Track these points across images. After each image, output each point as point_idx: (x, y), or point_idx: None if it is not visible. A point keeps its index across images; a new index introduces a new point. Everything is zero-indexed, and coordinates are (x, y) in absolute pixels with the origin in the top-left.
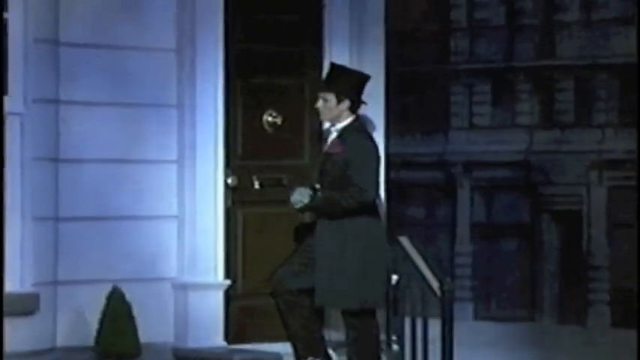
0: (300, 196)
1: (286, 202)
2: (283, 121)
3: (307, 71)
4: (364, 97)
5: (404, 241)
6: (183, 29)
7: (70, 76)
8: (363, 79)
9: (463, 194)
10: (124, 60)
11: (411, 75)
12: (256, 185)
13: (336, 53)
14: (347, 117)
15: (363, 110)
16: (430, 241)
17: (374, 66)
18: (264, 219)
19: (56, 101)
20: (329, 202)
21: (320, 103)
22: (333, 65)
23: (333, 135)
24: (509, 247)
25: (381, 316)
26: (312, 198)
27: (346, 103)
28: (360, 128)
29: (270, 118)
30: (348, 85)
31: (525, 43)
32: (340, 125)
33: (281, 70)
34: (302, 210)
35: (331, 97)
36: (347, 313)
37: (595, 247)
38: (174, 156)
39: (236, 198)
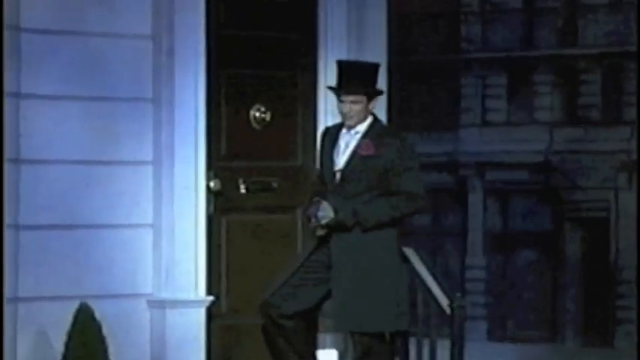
0: (326, 211)
1: (276, 208)
2: (273, 118)
3: (300, 61)
4: None
5: (409, 252)
6: (160, 13)
7: (32, 66)
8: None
9: (475, 199)
10: (93, 48)
11: (416, 65)
12: (242, 190)
13: (333, 40)
14: (368, 115)
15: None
16: (438, 253)
17: (375, 55)
18: (251, 228)
19: (16, 95)
20: (377, 213)
21: (347, 108)
22: (350, 63)
23: (356, 136)
24: (527, 259)
25: None
26: (337, 212)
27: (375, 101)
28: (385, 126)
29: (257, 114)
30: (375, 81)
31: (545, 29)
32: (364, 125)
33: (270, 59)
34: (328, 226)
35: (362, 99)
36: (360, 333)
37: (624, 259)
38: (149, 157)
39: (219, 204)
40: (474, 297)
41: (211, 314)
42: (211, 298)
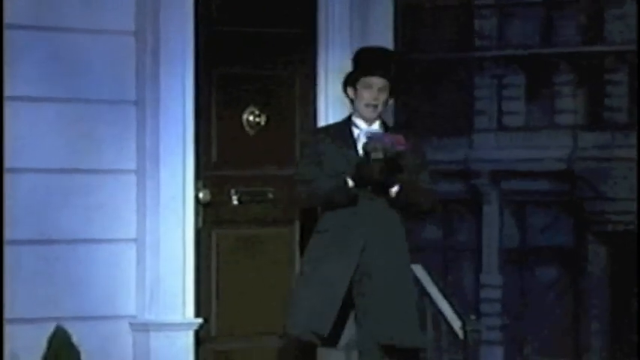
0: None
1: (272, 221)
2: (268, 122)
3: (298, 59)
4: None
5: (417, 270)
6: (144, 7)
7: (4, 65)
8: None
9: (490, 211)
10: (70, 45)
11: (425, 64)
12: (234, 201)
13: (334, 36)
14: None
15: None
16: (450, 270)
17: None
18: (244, 242)
19: None
20: (416, 190)
21: (377, 96)
22: (382, 50)
23: (376, 134)
24: (547, 277)
25: None
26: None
27: (390, 99)
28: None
29: (251, 118)
30: (399, 75)
31: (567, 24)
32: (377, 123)
33: (265, 57)
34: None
35: (387, 87)
36: (387, 349)
37: None
38: (132, 165)
39: (209, 217)
40: (489, 319)
41: (200, 338)
42: (200, 320)
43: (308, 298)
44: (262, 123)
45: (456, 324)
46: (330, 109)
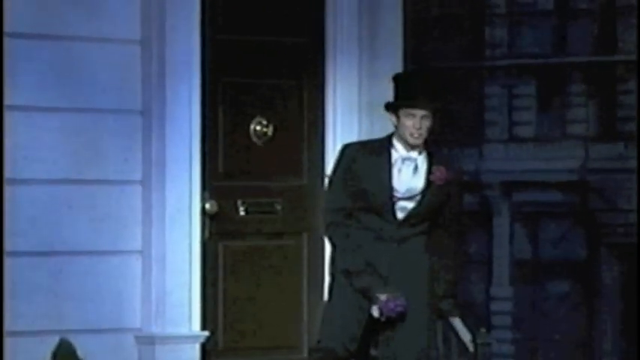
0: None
1: (280, 233)
2: (275, 132)
3: (305, 68)
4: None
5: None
6: (150, 15)
7: (7, 74)
8: None
9: (501, 223)
10: (74, 54)
11: (434, 73)
12: (241, 212)
13: (342, 45)
14: None
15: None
16: (460, 282)
17: (388, 62)
18: (251, 254)
19: None
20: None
21: (420, 125)
22: (423, 77)
23: (419, 159)
24: (559, 290)
25: None
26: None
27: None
28: (436, 149)
29: (258, 128)
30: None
31: (580, 33)
32: (417, 150)
33: (273, 66)
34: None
35: (430, 116)
36: None
37: None
38: (138, 176)
39: (216, 228)
40: (499, 332)
41: (206, 351)
42: (206, 333)
43: (341, 310)
44: (269, 133)
45: (467, 337)
46: (338, 119)
